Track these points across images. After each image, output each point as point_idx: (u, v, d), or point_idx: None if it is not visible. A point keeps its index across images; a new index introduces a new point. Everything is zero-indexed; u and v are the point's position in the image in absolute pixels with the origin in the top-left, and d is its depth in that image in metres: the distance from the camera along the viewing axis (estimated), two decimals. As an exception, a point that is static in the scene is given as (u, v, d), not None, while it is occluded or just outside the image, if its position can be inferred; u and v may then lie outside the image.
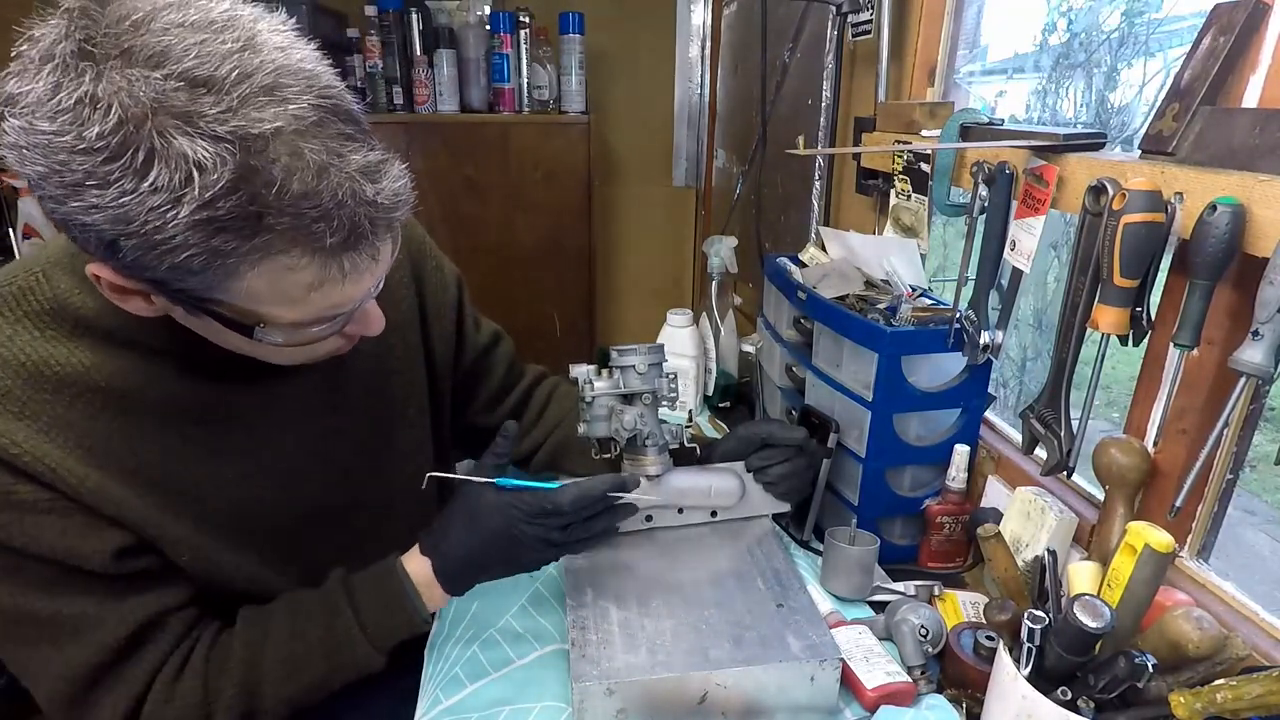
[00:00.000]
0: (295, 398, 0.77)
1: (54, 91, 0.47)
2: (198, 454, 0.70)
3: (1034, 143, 0.82)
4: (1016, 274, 0.88)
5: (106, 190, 0.48)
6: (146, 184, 0.47)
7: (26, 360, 0.62)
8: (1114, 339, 0.72)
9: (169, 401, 0.67)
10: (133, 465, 0.65)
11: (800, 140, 1.09)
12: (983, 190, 0.88)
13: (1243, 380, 0.61)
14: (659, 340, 1.39)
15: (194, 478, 0.70)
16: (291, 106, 0.50)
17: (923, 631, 0.81)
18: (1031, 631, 0.64)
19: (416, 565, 0.76)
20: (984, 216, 0.88)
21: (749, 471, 0.96)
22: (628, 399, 0.89)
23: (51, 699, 0.67)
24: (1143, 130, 0.77)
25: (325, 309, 0.59)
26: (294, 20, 0.56)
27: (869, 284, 1.09)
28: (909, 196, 1.09)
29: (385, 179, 0.55)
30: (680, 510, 0.94)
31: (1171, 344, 0.67)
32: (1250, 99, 0.68)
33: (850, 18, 1.31)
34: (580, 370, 0.89)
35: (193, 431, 0.70)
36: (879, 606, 0.89)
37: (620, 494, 0.78)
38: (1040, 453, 0.84)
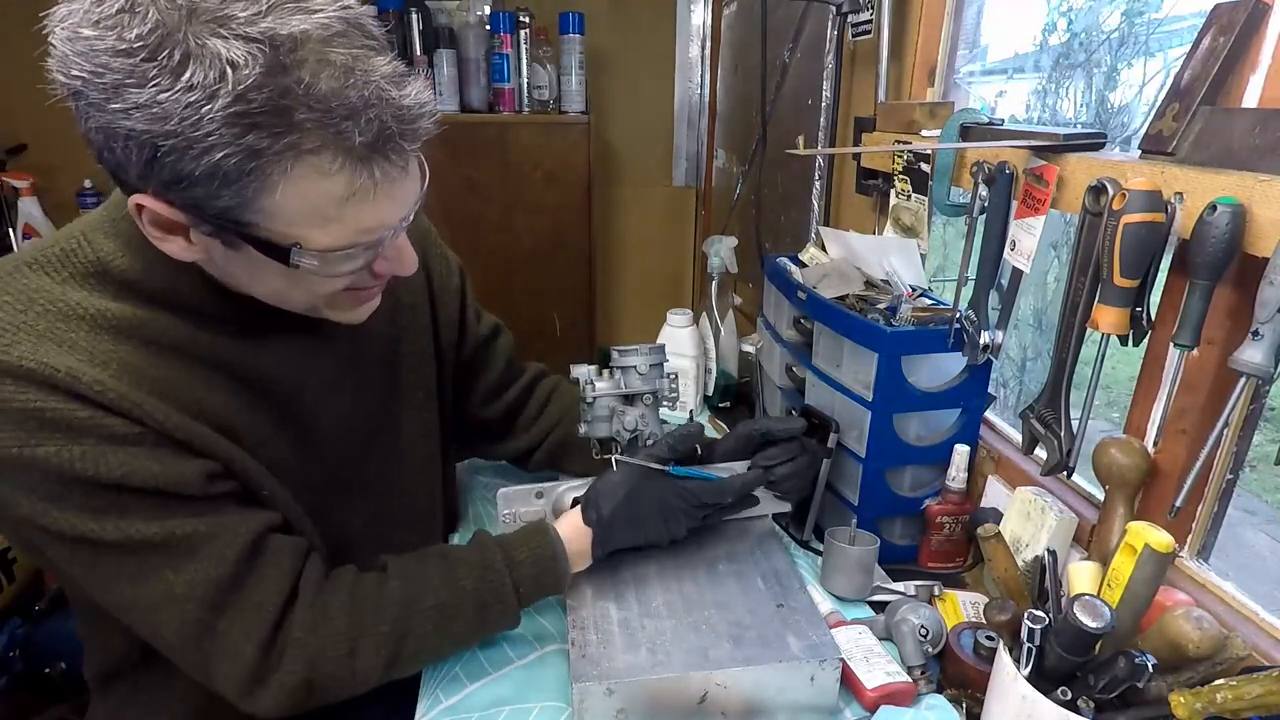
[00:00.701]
0: (317, 373, 0.79)
1: (98, 3, 0.52)
2: (240, 407, 0.71)
3: (1034, 143, 0.82)
4: (1016, 274, 0.88)
5: (144, 89, 0.51)
6: (182, 81, 0.50)
7: (84, 313, 0.63)
8: (1114, 339, 0.72)
9: (208, 357, 0.69)
10: (196, 410, 0.67)
11: (800, 140, 1.10)
12: (983, 190, 0.88)
13: (1243, 380, 0.61)
14: (659, 340, 1.39)
15: (242, 428, 0.71)
16: (318, 15, 0.54)
17: (923, 631, 0.81)
18: (1031, 631, 0.64)
19: (574, 533, 0.81)
20: (984, 216, 0.88)
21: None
22: (629, 399, 0.89)
23: (179, 628, 0.65)
24: (1143, 130, 0.77)
25: (357, 232, 0.61)
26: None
27: (869, 284, 1.09)
28: (909, 196, 1.09)
29: (410, 87, 0.58)
30: (680, 510, 0.94)
31: (1171, 344, 0.67)
32: (1250, 99, 0.69)
33: (850, 18, 1.31)
34: (581, 370, 0.89)
35: (232, 386, 0.71)
36: (879, 606, 0.89)
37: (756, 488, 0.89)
38: (1040, 453, 0.84)
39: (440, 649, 0.77)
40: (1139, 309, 0.70)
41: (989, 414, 1.05)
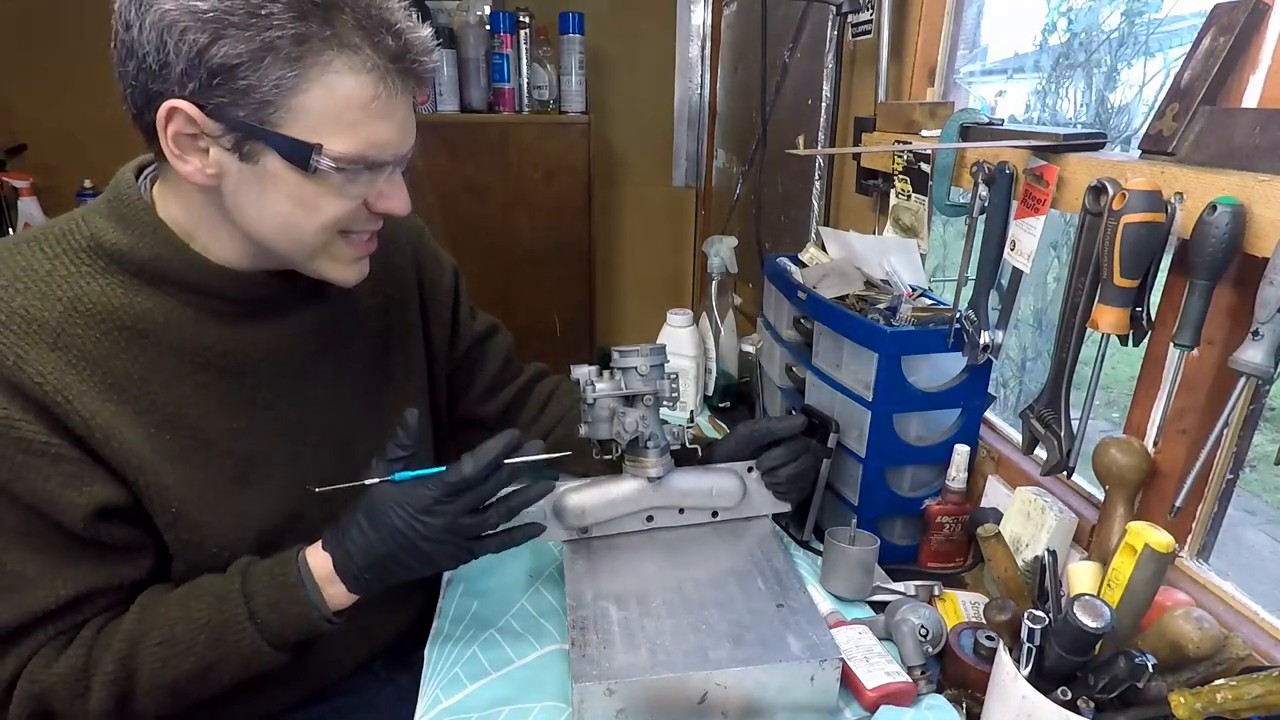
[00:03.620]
0: (302, 362, 0.79)
1: None
2: (211, 401, 0.72)
3: (1034, 143, 0.82)
4: (1016, 274, 0.88)
5: None
6: None
7: (64, 295, 0.66)
8: (1114, 339, 0.72)
9: (186, 346, 0.71)
10: (147, 404, 0.69)
11: (800, 140, 1.10)
12: (983, 190, 0.88)
13: (1243, 380, 0.61)
14: (659, 340, 1.39)
15: (206, 423, 0.72)
16: None
17: (923, 631, 0.81)
18: (1031, 631, 0.64)
19: (319, 559, 0.72)
20: (984, 216, 0.88)
21: (761, 474, 0.96)
22: (629, 400, 0.88)
23: None
24: (1143, 130, 0.77)
25: (370, 144, 0.65)
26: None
27: (869, 284, 1.09)
28: (909, 196, 1.09)
29: (423, 29, 0.66)
30: (681, 511, 0.94)
31: (1171, 344, 0.67)
32: (1250, 99, 0.69)
33: (850, 18, 1.31)
34: (582, 371, 0.89)
35: (207, 379, 0.72)
36: (879, 606, 0.89)
37: (515, 457, 0.73)
38: (1040, 453, 0.84)
39: (186, 685, 0.70)
40: (1139, 309, 0.70)
41: (989, 414, 1.05)
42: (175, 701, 0.71)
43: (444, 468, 0.71)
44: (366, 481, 0.72)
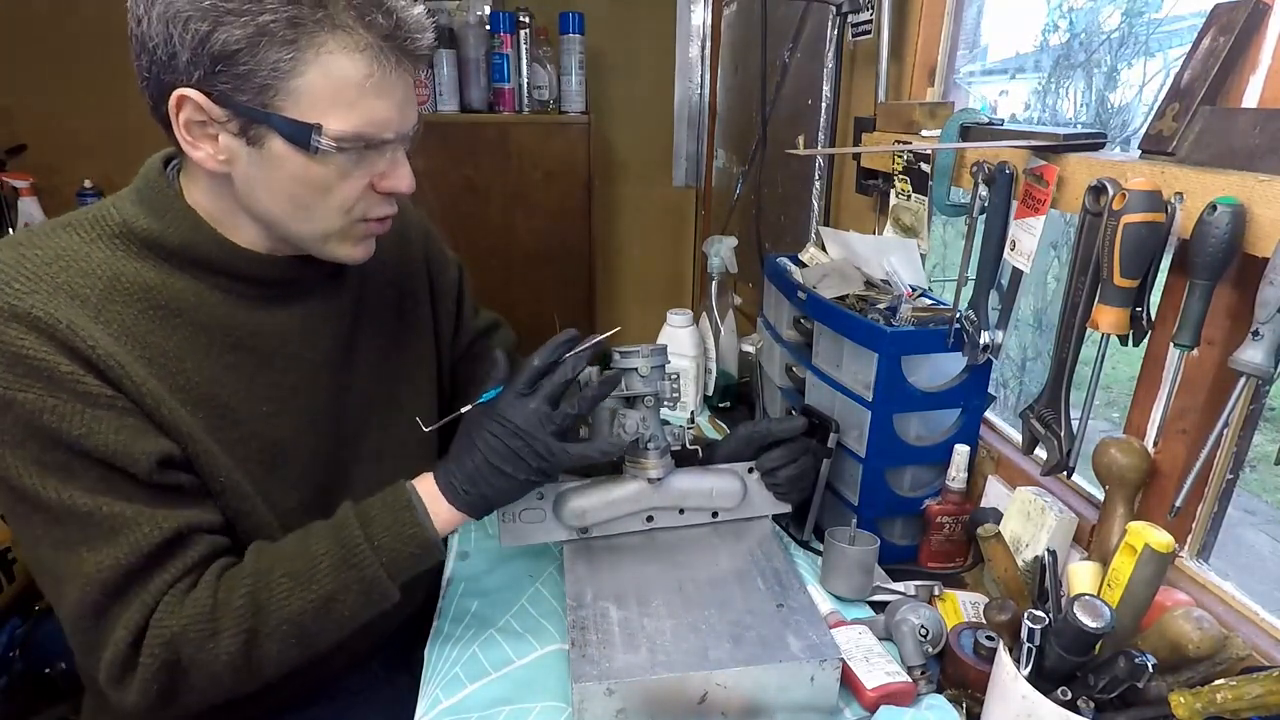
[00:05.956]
0: (326, 348, 0.82)
1: None
2: (238, 381, 0.75)
3: (1034, 143, 0.82)
4: (1016, 274, 0.88)
5: None
6: None
7: (103, 274, 0.68)
8: (1114, 339, 0.72)
9: (218, 326, 0.73)
10: (184, 381, 0.71)
11: (800, 140, 1.10)
12: (983, 190, 0.88)
13: (1243, 380, 0.61)
14: (659, 340, 1.39)
15: (236, 403, 0.74)
16: None
17: (923, 631, 0.81)
18: (1031, 631, 0.64)
19: (426, 484, 0.76)
20: (984, 216, 0.88)
21: (761, 475, 0.96)
22: (630, 402, 0.88)
23: (77, 606, 0.66)
24: (1143, 130, 0.77)
25: (369, 122, 0.67)
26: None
27: (869, 284, 1.09)
28: (909, 196, 1.09)
29: (415, 8, 0.68)
30: (681, 511, 0.94)
31: (1171, 344, 0.67)
32: (1250, 99, 0.68)
33: (850, 18, 1.31)
34: (582, 372, 0.89)
35: (233, 359, 0.74)
36: (879, 606, 0.89)
37: (576, 345, 0.78)
38: (1040, 453, 0.84)
39: (311, 619, 0.71)
40: (1139, 309, 0.70)
41: (989, 414, 1.05)
42: (300, 641, 0.71)
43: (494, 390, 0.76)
44: (463, 410, 0.77)
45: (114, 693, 0.68)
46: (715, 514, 0.96)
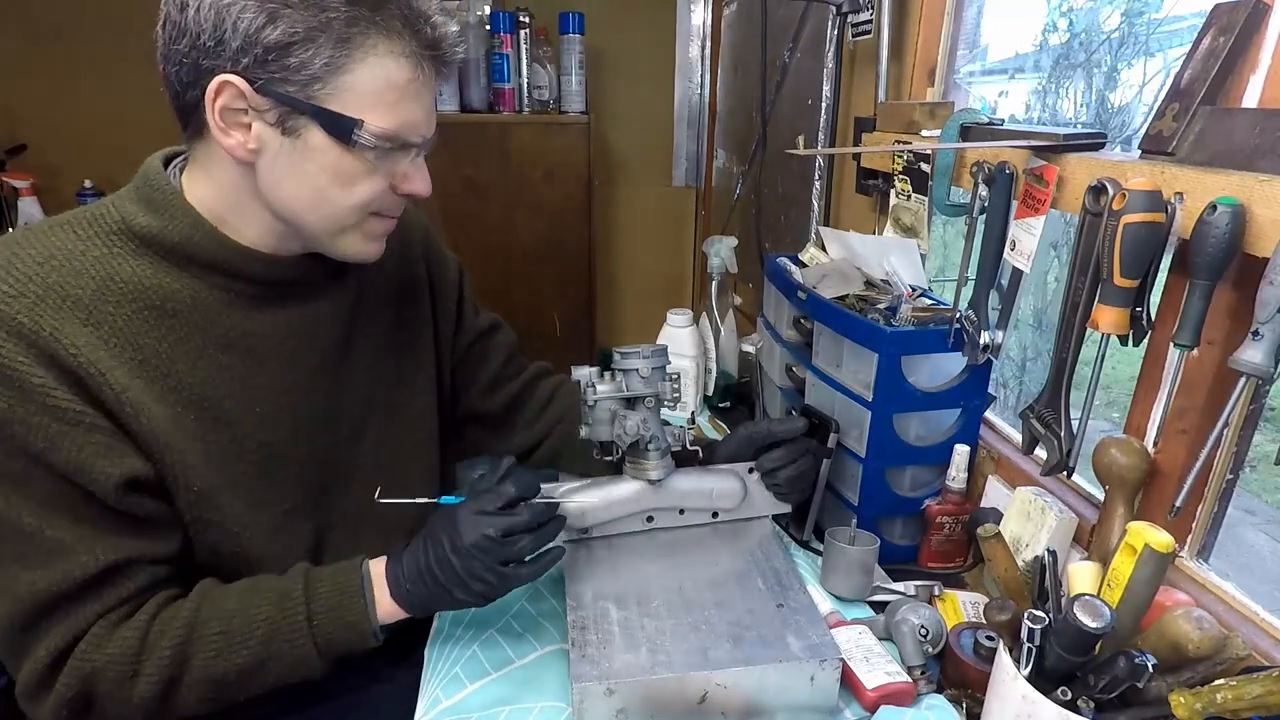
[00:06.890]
0: (322, 350, 0.82)
1: None
2: (232, 383, 0.75)
3: (1034, 143, 0.82)
4: (1016, 274, 0.88)
5: None
6: None
7: (96, 274, 0.68)
8: (1114, 339, 0.72)
9: (212, 327, 0.73)
10: (174, 383, 0.71)
11: (800, 140, 1.10)
12: (983, 190, 0.88)
13: (1243, 380, 0.61)
14: (659, 340, 1.39)
15: (229, 404, 0.74)
16: None
17: (923, 631, 0.81)
18: (1031, 631, 0.64)
19: (379, 567, 0.76)
20: (984, 216, 0.88)
21: (761, 476, 0.96)
22: (630, 403, 0.88)
23: (6, 618, 0.67)
24: (1143, 130, 0.77)
25: (405, 124, 0.69)
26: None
27: (869, 284, 1.09)
28: (909, 196, 1.09)
29: (452, 25, 0.71)
30: (681, 511, 0.94)
31: (1171, 344, 0.67)
32: (1250, 99, 0.69)
33: (850, 18, 1.31)
34: (582, 373, 0.89)
35: (230, 360, 0.75)
36: (879, 606, 0.89)
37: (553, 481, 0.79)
38: (1040, 453, 0.84)
39: (232, 682, 0.71)
40: (1139, 309, 0.70)
41: (989, 414, 1.05)
42: (216, 697, 0.72)
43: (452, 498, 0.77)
44: (420, 500, 0.77)
45: (26, 706, 0.69)
46: (715, 514, 0.96)
